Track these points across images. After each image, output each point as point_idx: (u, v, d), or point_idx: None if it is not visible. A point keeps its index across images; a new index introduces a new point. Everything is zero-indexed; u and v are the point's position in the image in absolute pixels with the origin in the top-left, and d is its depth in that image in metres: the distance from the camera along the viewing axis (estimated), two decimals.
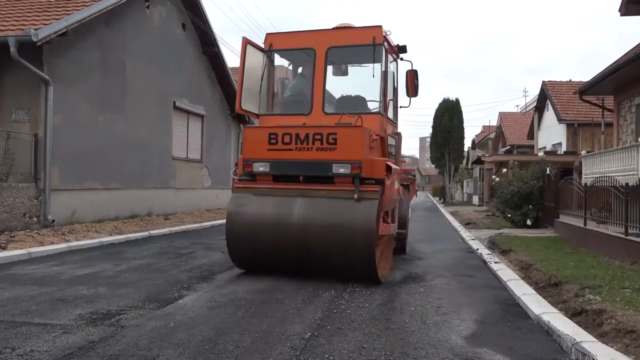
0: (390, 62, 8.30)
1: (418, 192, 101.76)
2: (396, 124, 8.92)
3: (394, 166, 7.10)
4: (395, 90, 8.72)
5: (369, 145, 6.75)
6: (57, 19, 11.13)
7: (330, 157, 6.62)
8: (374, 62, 7.56)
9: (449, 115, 38.13)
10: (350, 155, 6.55)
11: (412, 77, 8.24)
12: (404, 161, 9.72)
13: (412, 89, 8.27)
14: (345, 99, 8.20)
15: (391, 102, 8.38)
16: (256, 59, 8.03)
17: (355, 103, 7.96)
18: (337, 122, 7.00)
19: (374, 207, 6.45)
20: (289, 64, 8.87)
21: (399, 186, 7.38)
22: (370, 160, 6.71)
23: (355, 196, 6.51)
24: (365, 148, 6.60)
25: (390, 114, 8.36)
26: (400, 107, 8.86)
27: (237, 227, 6.95)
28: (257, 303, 5.61)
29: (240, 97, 7.79)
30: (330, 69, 8.10)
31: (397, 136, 9.00)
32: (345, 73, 8.76)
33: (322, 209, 6.63)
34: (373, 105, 7.82)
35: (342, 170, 6.59)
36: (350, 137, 6.60)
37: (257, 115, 8.09)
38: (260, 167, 6.97)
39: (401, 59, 8.79)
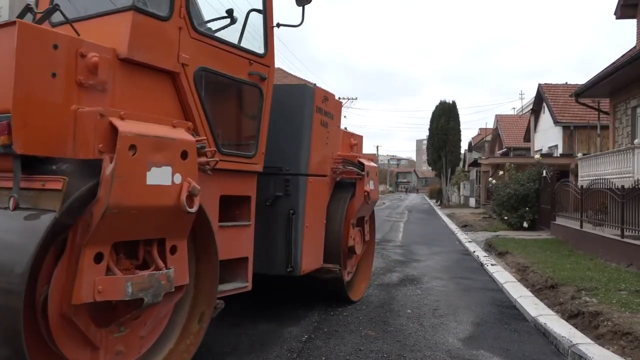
0: None
1: (413, 195, 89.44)
2: (262, 58, 4.21)
3: (145, 130, 2.91)
4: None
5: (61, 75, 2.85)
6: None
7: None
8: None
9: (445, 118, 38.21)
10: None
11: None
12: (356, 144, 6.18)
13: None
14: None
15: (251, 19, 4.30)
16: None
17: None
18: None
19: (37, 231, 2.55)
20: None
21: (186, 183, 3.01)
22: (52, 109, 2.80)
23: (10, 202, 2.66)
24: (25, 79, 2.69)
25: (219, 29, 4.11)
26: (279, 25, 4.48)
27: None
28: (252, 304, 5.59)
29: None
30: None
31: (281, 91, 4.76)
32: None
33: None
34: None
35: None
36: None
37: None
38: None
39: None
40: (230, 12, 4.12)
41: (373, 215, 6.70)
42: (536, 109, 28.45)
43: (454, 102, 39.35)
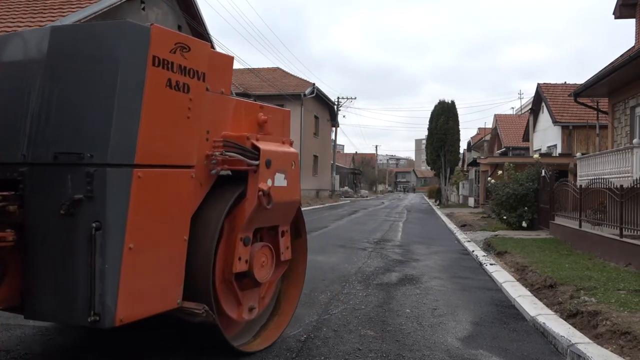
0: None
1: (412, 195, 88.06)
2: None
3: None
4: None
5: None
6: (52, 21, 11.11)
7: None
8: None
9: (444, 117, 38.30)
10: None
11: None
12: (265, 121, 4.23)
13: None
14: None
15: None
16: None
17: None
18: None
19: None
20: None
21: None
22: None
23: None
24: None
25: None
26: None
27: None
28: None
29: None
30: None
31: None
32: None
33: None
34: None
35: None
36: None
37: None
38: None
39: None
40: None
41: (300, 223, 4.71)
42: (535, 108, 28.49)
43: (453, 102, 39.47)
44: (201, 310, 3.46)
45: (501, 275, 7.69)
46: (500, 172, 20.37)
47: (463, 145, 48.10)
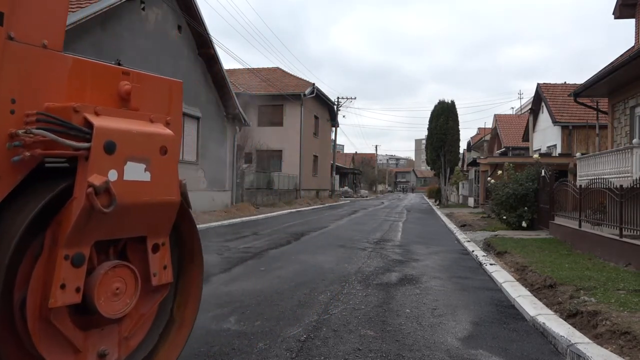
0: None
1: (412, 195, 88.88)
2: None
3: None
4: None
5: None
6: None
7: None
8: None
9: (444, 117, 38.35)
10: None
11: None
12: (128, 91, 2.84)
13: None
14: None
15: None
16: None
17: None
18: None
19: None
20: None
21: None
22: None
23: None
24: None
25: None
26: None
27: None
28: (253, 305, 5.60)
29: None
30: None
31: None
32: None
33: None
34: None
35: None
36: None
37: None
38: None
39: None
40: None
41: (190, 231, 3.45)
42: (535, 108, 28.50)
43: (452, 102, 39.55)
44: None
45: (501, 275, 7.69)
46: (500, 172, 20.38)
47: (463, 145, 48.21)
